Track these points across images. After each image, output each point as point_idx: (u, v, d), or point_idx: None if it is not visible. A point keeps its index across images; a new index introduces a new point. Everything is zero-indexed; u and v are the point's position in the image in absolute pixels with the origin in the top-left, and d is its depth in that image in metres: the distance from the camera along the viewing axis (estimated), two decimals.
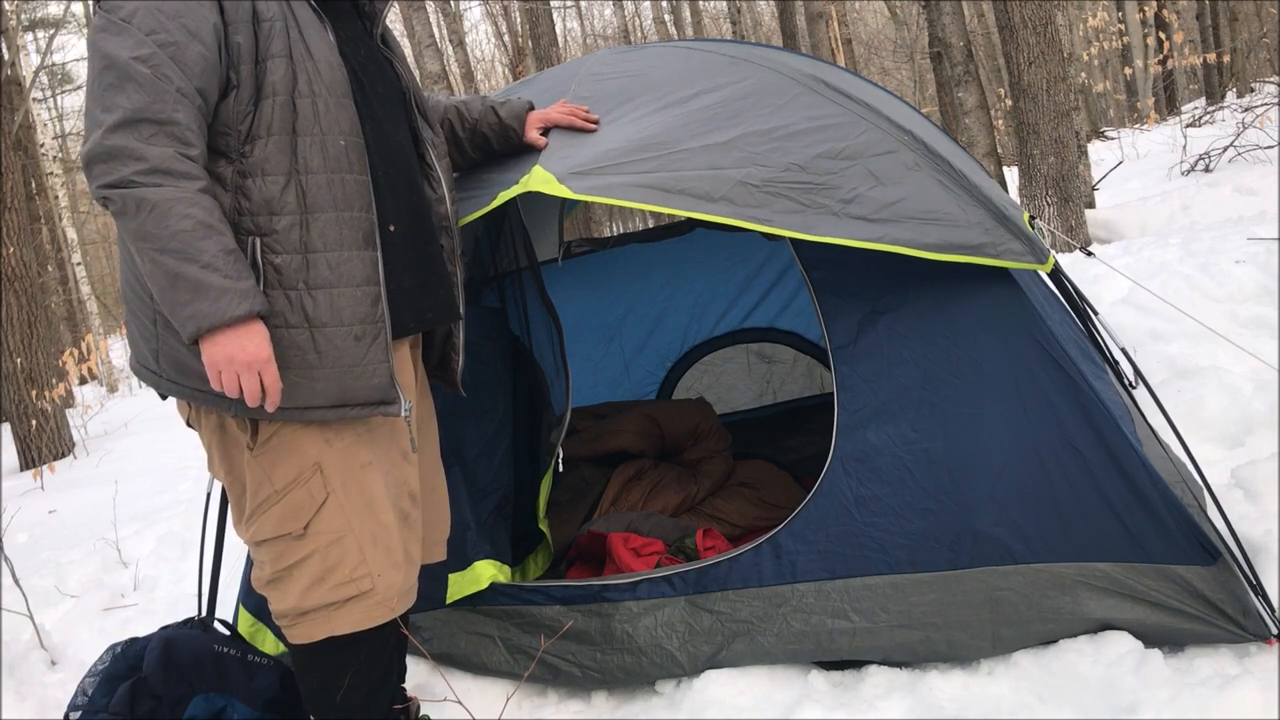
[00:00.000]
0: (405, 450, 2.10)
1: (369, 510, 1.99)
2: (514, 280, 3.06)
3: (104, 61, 1.77)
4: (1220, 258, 4.76)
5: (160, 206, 1.72)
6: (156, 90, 1.75)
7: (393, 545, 2.02)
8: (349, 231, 1.92)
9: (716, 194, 2.21)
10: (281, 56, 1.89)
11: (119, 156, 1.73)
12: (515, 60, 18.46)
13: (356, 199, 1.94)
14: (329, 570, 1.97)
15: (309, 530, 1.96)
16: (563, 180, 2.26)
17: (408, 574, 2.07)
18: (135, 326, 1.97)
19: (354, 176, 1.94)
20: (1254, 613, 2.10)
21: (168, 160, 1.74)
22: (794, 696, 2.31)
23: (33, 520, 5.74)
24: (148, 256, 1.75)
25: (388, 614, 2.03)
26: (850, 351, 2.34)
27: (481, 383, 2.88)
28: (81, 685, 2.50)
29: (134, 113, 1.74)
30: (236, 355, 1.77)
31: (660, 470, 3.53)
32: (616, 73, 2.85)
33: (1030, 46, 6.79)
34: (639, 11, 30.56)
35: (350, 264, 1.91)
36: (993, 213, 2.20)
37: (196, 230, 1.73)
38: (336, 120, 1.94)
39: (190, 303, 1.74)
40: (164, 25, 1.79)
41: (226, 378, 1.79)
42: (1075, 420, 2.19)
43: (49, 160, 16.06)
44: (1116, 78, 23.72)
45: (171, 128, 1.76)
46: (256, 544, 2.02)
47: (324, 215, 1.90)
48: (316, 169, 1.90)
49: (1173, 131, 12.66)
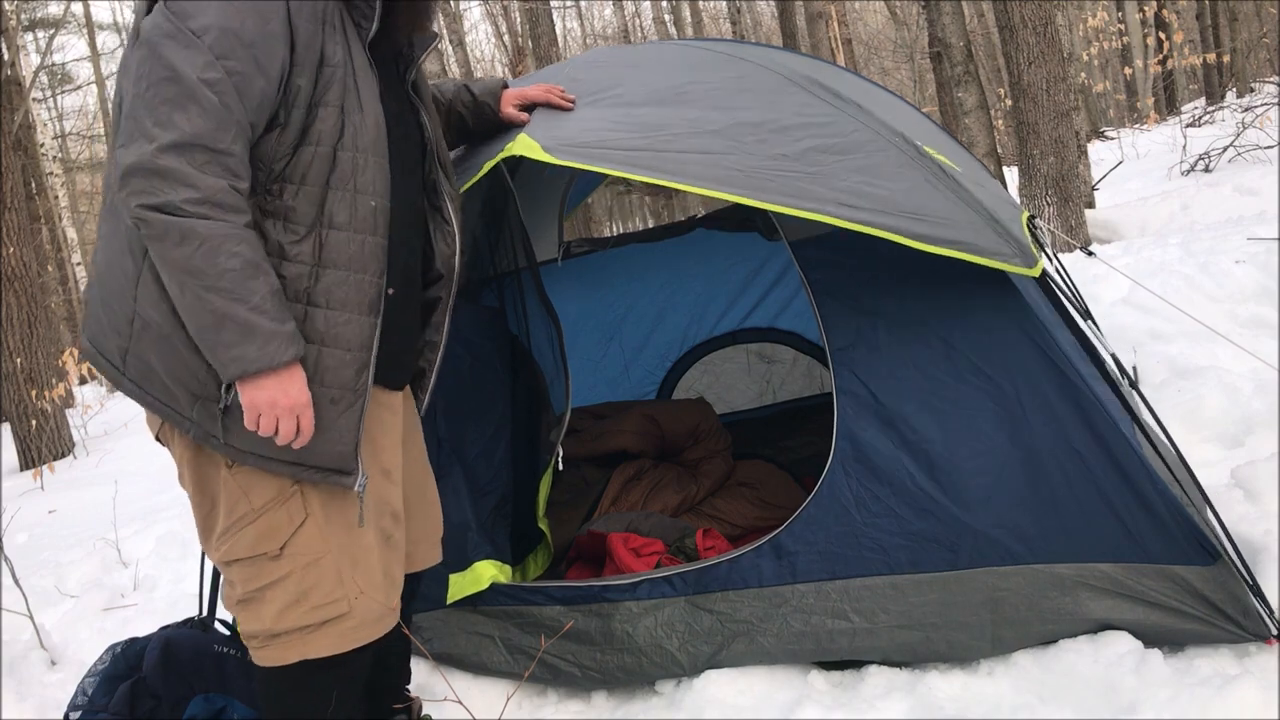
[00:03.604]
0: (387, 469, 2.04)
1: (349, 532, 1.94)
2: (513, 280, 3.06)
3: (167, 72, 1.69)
4: (1220, 258, 4.76)
5: (210, 242, 1.67)
6: (219, 118, 1.69)
7: (373, 568, 1.96)
8: (355, 294, 1.86)
9: (705, 175, 2.21)
10: (334, 105, 1.83)
11: (168, 179, 1.66)
12: (515, 60, 18.44)
13: (372, 263, 1.89)
14: (305, 592, 1.90)
15: (285, 551, 1.89)
16: (549, 149, 2.24)
17: (387, 596, 2.00)
18: (105, 317, 1.88)
19: (375, 239, 1.89)
20: (1254, 613, 2.11)
21: (220, 192, 1.68)
22: (794, 696, 2.31)
23: (33, 520, 5.75)
24: (191, 291, 1.69)
25: (364, 638, 1.97)
26: (849, 354, 2.34)
27: (481, 383, 2.88)
28: (81, 685, 2.50)
29: (193, 136, 1.67)
30: (279, 400, 1.74)
31: (660, 470, 3.53)
32: (612, 63, 2.86)
33: (1030, 46, 6.78)
34: (639, 11, 30.56)
35: (349, 327, 1.86)
36: (981, 215, 2.20)
37: (245, 269, 1.69)
38: (373, 180, 1.88)
39: (237, 344, 1.70)
40: (237, 53, 1.71)
41: (265, 421, 1.75)
42: (1074, 421, 2.19)
43: (49, 160, 16.07)
44: (1116, 78, 23.72)
45: (226, 159, 1.70)
46: (228, 563, 1.94)
47: (336, 273, 1.84)
48: (341, 225, 1.84)
49: (1173, 131, 12.66)
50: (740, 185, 2.17)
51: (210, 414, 1.81)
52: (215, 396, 1.79)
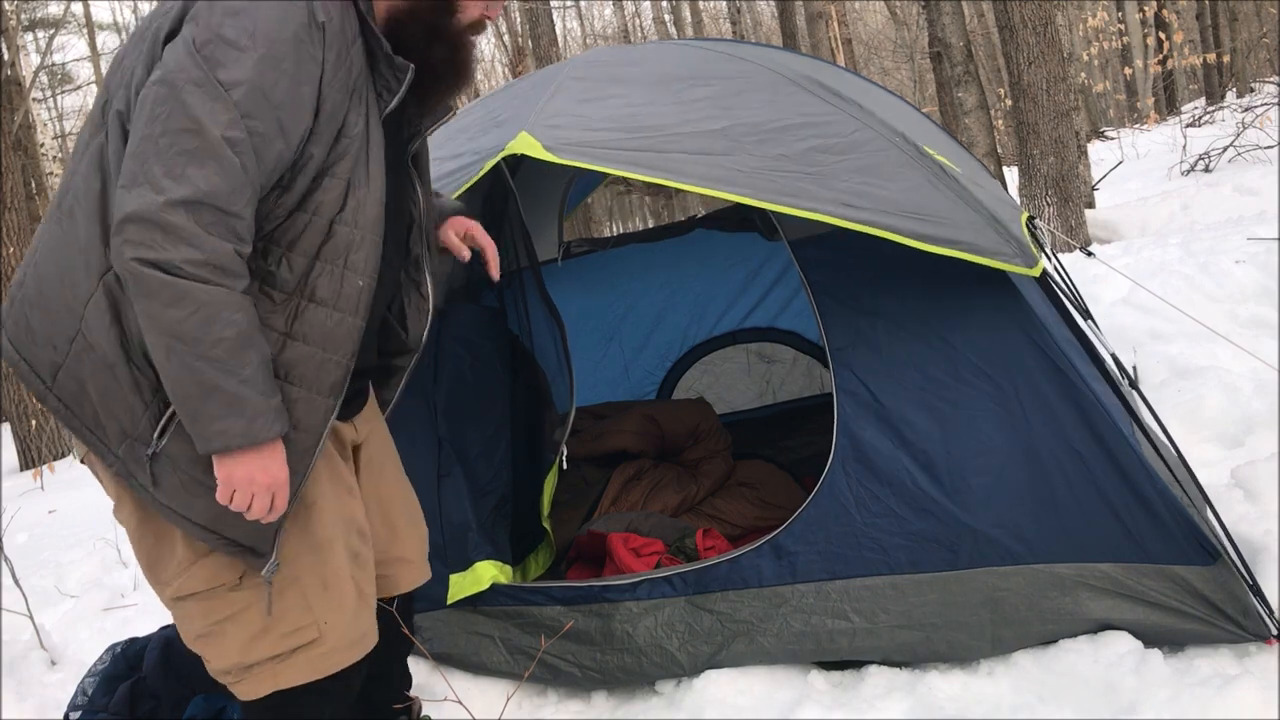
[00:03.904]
0: (350, 485, 1.94)
1: (316, 554, 1.83)
2: (514, 280, 3.06)
3: (190, 123, 1.56)
4: (1220, 258, 4.76)
5: (206, 309, 1.56)
6: (236, 179, 1.58)
7: (344, 590, 1.85)
8: (319, 373, 1.74)
9: (704, 175, 2.20)
10: (342, 177, 1.72)
11: (171, 235, 1.55)
12: (515, 60, 18.46)
13: (346, 344, 1.76)
14: (273, 622, 1.79)
15: (245, 580, 1.78)
16: (550, 148, 2.24)
17: (360, 616, 1.89)
18: (40, 326, 1.73)
19: (354, 321, 1.76)
20: (1254, 613, 2.11)
21: (223, 256, 1.57)
22: (794, 696, 2.31)
23: (33, 520, 5.75)
24: (179, 358, 1.57)
25: (339, 662, 1.86)
26: (849, 353, 2.34)
27: (481, 382, 2.88)
28: (81, 685, 2.51)
29: (206, 195, 1.56)
30: (258, 477, 1.64)
31: (660, 470, 3.53)
32: (612, 63, 2.86)
33: (1030, 46, 6.79)
34: (639, 11, 30.59)
35: (303, 405, 1.72)
36: (982, 215, 2.20)
37: (239, 339, 1.59)
38: (365, 259, 1.75)
39: (222, 418, 1.59)
40: (263, 113, 1.60)
41: (240, 497, 1.64)
42: (1074, 421, 2.19)
43: (49, 160, 16.07)
44: (1116, 78, 23.72)
45: (235, 221, 1.59)
46: (181, 598, 1.80)
47: (305, 349, 1.72)
48: (323, 300, 1.72)
49: (1173, 131, 12.66)
50: (740, 185, 2.17)
51: (137, 457, 1.70)
52: (146, 440, 1.68)
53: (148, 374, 1.67)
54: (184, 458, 1.68)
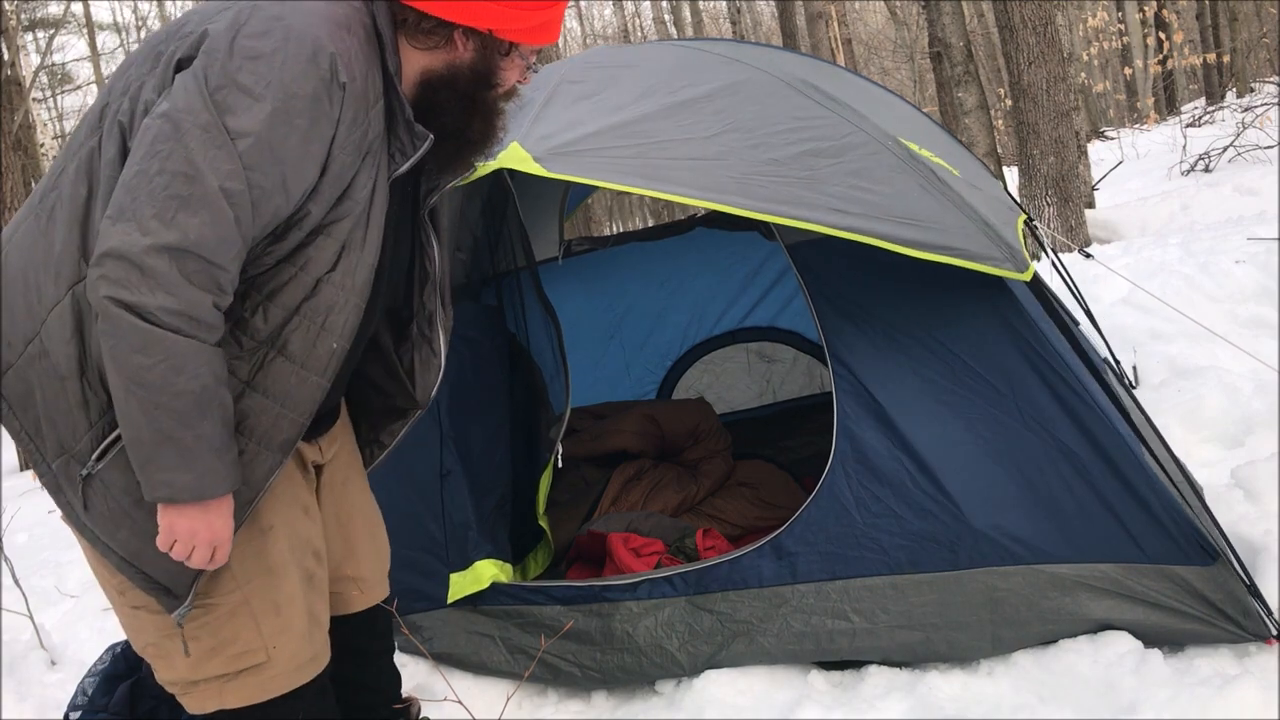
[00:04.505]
0: (306, 505, 1.90)
1: (269, 578, 1.78)
2: (512, 279, 3.07)
3: (188, 168, 1.49)
4: (1220, 258, 4.76)
5: (174, 359, 1.49)
6: (226, 232, 1.52)
7: (296, 614, 1.81)
8: (272, 429, 1.68)
9: (695, 183, 2.20)
10: (337, 238, 1.65)
11: (149, 278, 1.48)
12: None
13: (307, 404, 1.71)
14: (222, 643, 1.75)
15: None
16: (539, 160, 2.23)
17: (311, 639, 1.86)
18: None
19: (319, 381, 1.71)
20: (1253, 613, 2.11)
21: (198, 306, 1.51)
22: (794, 696, 2.31)
23: (33, 520, 5.74)
24: (138, 402, 1.51)
25: (286, 685, 1.81)
26: (847, 355, 2.34)
27: (482, 381, 2.88)
28: (81, 685, 2.51)
29: (192, 244, 1.49)
30: (200, 531, 1.59)
31: (660, 470, 3.53)
32: (609, 63, 2.87)
33: (1030, 46, 6.79)
34: (639, 11, 30.60)
35: (246, 457, 1.67)
36: (973, 219, 2.20)
37: (202, 394, 1.52)
38: (345, 322, 1.70)
39: (171, 470, 1.53)
40: (267, 167, 1.53)
41: (180, 548, 1.59)
42: (1071, 422, 2.20)
43: (49, 160, 16.07)
44: (1116, 78, 23.73)
45: (219, 272, 1.53)
46: (136, 608, 1.75)
47: (263, 400, 1.66)
48: (292, 356, 1.66)
49: (1173, 131, 12.66)
50: (731, 193, 2.18)
51: (70, 476, 1.63)
52: (83, 460, 1.62)
53: (99, 394, 1.61)
54: (118, 486, 1.63)
